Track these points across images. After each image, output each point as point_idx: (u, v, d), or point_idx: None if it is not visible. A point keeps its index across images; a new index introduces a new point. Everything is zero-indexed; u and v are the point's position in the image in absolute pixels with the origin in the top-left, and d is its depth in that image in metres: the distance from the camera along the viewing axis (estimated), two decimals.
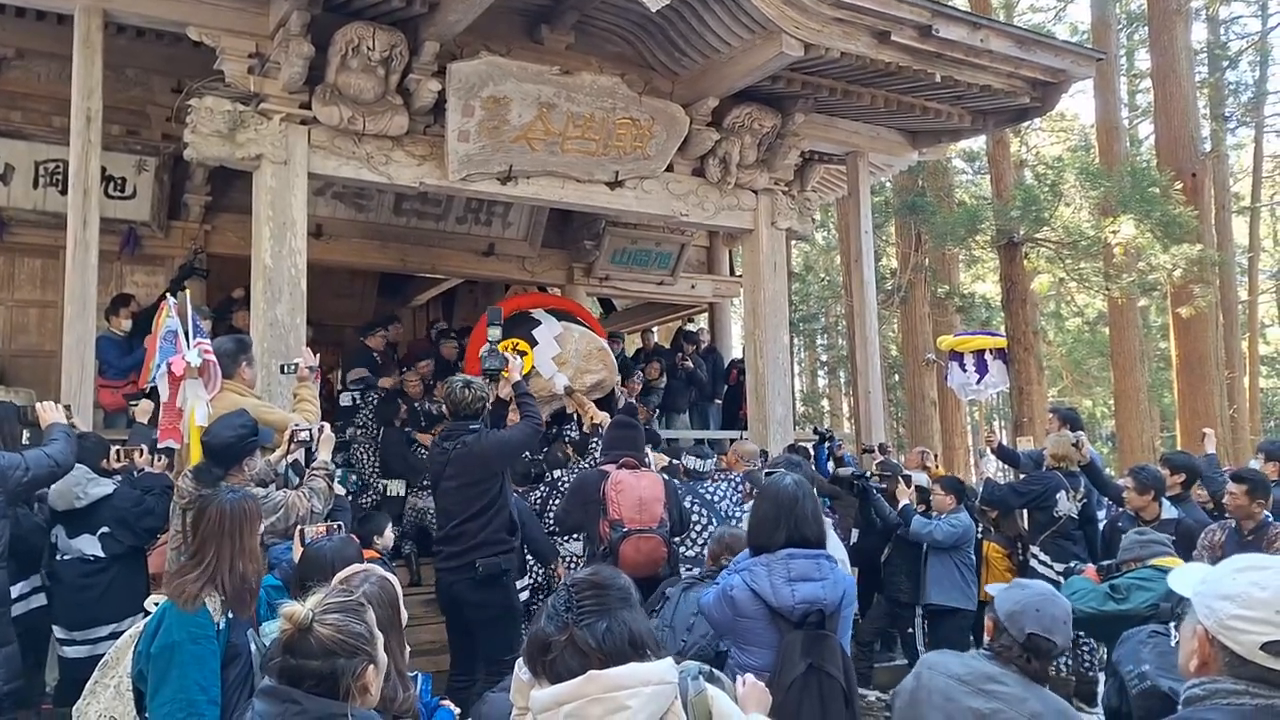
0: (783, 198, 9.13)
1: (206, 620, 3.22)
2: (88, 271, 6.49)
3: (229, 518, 3.42)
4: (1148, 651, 3.55)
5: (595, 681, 2.26)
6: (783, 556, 3.67)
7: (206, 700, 3.13)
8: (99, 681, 3.34)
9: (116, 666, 3.34)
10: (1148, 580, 4.78)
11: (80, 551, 5.45)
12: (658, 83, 8.29)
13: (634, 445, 6.01)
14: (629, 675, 2.27)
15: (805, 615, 3.58)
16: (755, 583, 3.63)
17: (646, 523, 5.47)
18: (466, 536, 5.60)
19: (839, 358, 28.34)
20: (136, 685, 3.25)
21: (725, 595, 3.70)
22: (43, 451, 4.59)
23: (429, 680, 4.03)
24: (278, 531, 4.41)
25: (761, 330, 9.00)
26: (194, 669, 3.14)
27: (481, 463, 5.63)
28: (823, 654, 3.56)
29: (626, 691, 2.25)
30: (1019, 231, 15.72)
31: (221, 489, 3.75)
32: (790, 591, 3.59)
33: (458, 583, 5.62)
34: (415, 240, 10.66)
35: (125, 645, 3.36)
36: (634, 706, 2.23)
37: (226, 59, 6.87)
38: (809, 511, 3.79)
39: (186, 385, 4.57)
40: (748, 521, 3.98)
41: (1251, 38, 25.81)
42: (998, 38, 8.03)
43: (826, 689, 3.51)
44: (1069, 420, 8.31)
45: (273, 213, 6.88)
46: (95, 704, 3.29)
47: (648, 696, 2.25)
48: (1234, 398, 20.72)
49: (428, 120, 7.45)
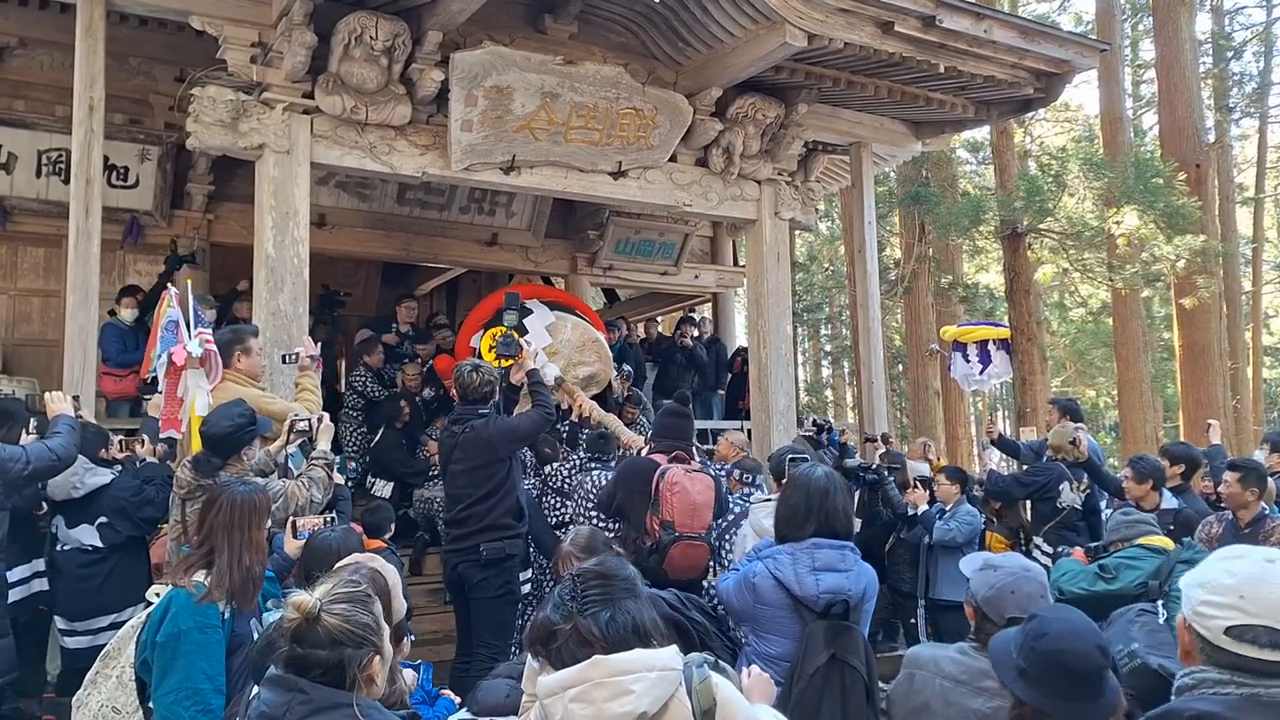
0: (786, 188, 9.11)
1: (213, 610, 3.23)
2: (90, 260, 6.48)
3: (238, 509, 3.43)
4: (1137, 630, 3.55)
5: (599, 666, 2.30)
6: (808, 546, 3.65)
7: (212, 689, 3.14)
8: (100, 672, 3.34)
9: (118, 657, 3.34)
10: (1135, 559, 4.82)
11: (79, 541, 5.46)
12: (661, 73, 8.27)
13: (684, 435, 6.01)
14: (633, 661, 2.30)
15: (829, 606, 3.55)
16: (779, 571, 3.62)
17: (697, 529, 5.51)
18: (473, 520, 5.65)
19: (842, 348, 28.30)
20: (140, 675, 3.25)
21: (747, 582, 3.69)
22: (44, 445, 4.59)
23: (430, 669, 4.04)
24: (277, 521, 4.42)
25: (765, 321, 8.99)
26: (200, 658, 3.15)
27: (488, 448, 5.66)
28: (846, 645, 3.54)
29: (630, 676, 2.28)
30: (1023, 222, 15.65)
31: (233, 480, 3.75)
32: (815, 581, 3.57)
33: (463, 564, 5.69)
34: (418, 230, 10.67)
35: (127, 636, 3.36)
36: (638, 691, 2.26)
37: (229, 48, 6.85)
38: (839, 505, 3.76)
39: (188, 375, 4.57)
40: (775, 512, 3.94)
41: (1256, 28, 25.78)
42: (1002, 28, 8.00)
43: (849, 680, 3.50)
44: (1069, 412, 8.31)
45: (275, 202, 6.87)
46: (97, 695, 3.29)
47: (651, 681, 2.28)
48: (1237, 389, 20.69)
49: (431, 110, 7.43)
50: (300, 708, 2.17)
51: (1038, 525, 7.68)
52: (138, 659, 3.26)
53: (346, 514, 5.42)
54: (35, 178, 8.43)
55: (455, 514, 5.79)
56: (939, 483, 7.81)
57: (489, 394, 5.86)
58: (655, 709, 2.30)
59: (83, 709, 3.31)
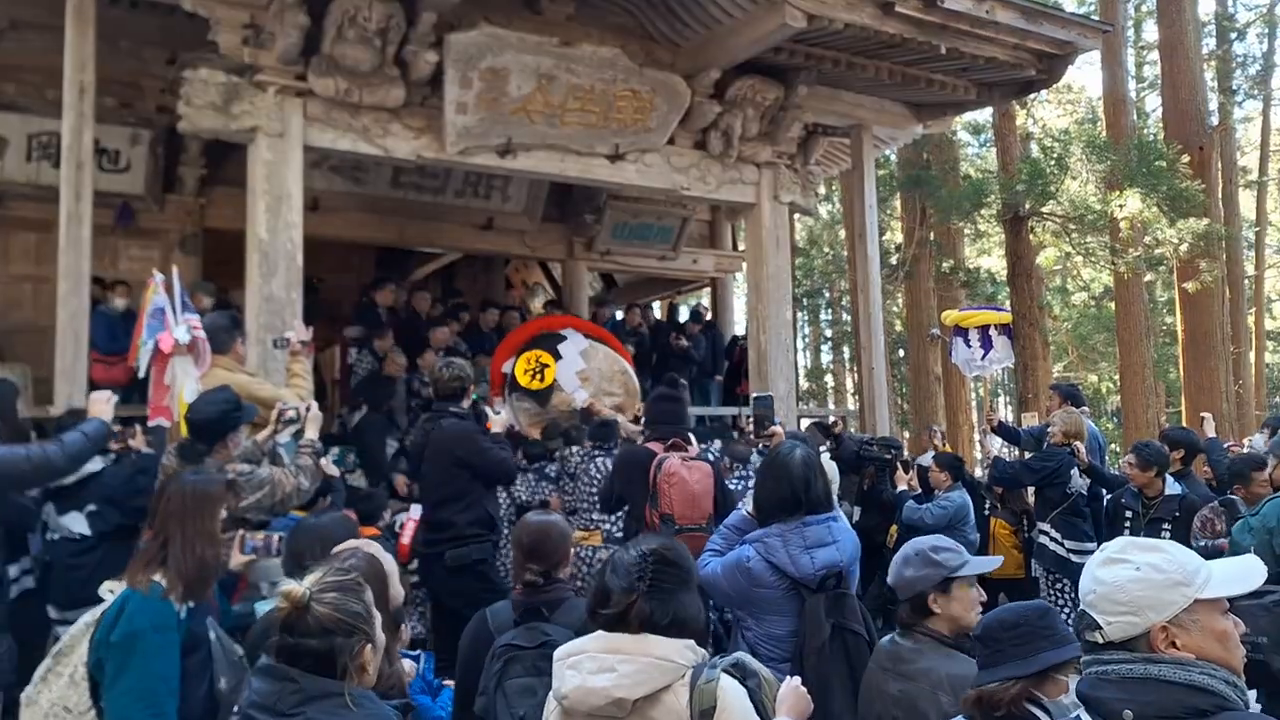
0: (786, 171, 9.04)
1: (169, 609, 3.16)
2: (81, 245, 6.43)
3: (189, 498, 3.35)
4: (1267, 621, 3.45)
5: (598, 641, 2.44)
6: (795, 525, 3.68)
7: (166, 691, 3.06)
8: (52, 670, 3.24)
9: (71, 655, 3.23)
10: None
11: (68, 530, 5.39)
12: (659, 54, 8.18)
13: (678, 419, 5.95)
14: (630, 643, 2.41)
15: (824, 579, 3.60)
16: (772, 555, 3.64)
17: (697, 520, 5.43)
18: (440, 526, 5.65)
19: (843, 333, 28.21)
20: (93, 674, 3.17)
21: (740, 567, 3.69)
22: (42, 448, 4.51)
23: (432, 659, 3.98)
24: (264, 509, 4.35)
25: (764, 306, 8.93)
26: (156, 659, 3.07)
27: (449, 451, 5.64)
28: (844, 613, 3.59)
29: (620, 656, 2.39)
30: (1025, 205, 15.63)
31: (184, 471, 3.68)
32: (810, 559, 3.60)
33: (435, 570, 5.71)
34: (413, 214, 10.60)
35: (80, 633, 3.26)
36: (620, 671, 2.36)
37: (221, 30, 6.78)
38: (818, 482, 3.81)
39: (175, 362, 4.51)
40: (755, 494, 3.99)
41: (1260, 9, 25.59)
42: (1003, 9, 7.91)
43: (852, 646, 3.54)
44: (1070, 397, 8.25)
45: (268, 186, 6.80)
46: (47, 692, 3.20)
47: (639, 666, 2.36)
48: (1239, 373, 20.69)
49: (425, 92, 7.35)
50: (291, 697, 2.17)
51: (1045, 511, 7.58)
52: (91, 659, 3.17)
53: (340, 504, 5.36)
54: (26, 162, 8.36)
55: (425, 514, 5.81)
56: (932, 470, 7.74)
57: (458, 389, 5.81)
58: (637, 694, 2.37)
59: (32, 706, 3.21)
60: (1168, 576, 1.94)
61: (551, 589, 3.29)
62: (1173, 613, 1.91)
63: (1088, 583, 2.02)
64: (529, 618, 3.22)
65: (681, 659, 2.42)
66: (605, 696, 2.37)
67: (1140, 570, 1.95)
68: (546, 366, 8.54)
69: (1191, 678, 1.85)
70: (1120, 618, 1.93)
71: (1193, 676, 1.85)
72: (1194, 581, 1.94)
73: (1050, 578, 7.50)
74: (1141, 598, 1.92)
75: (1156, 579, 1.93)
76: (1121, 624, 1.93)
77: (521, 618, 3.25)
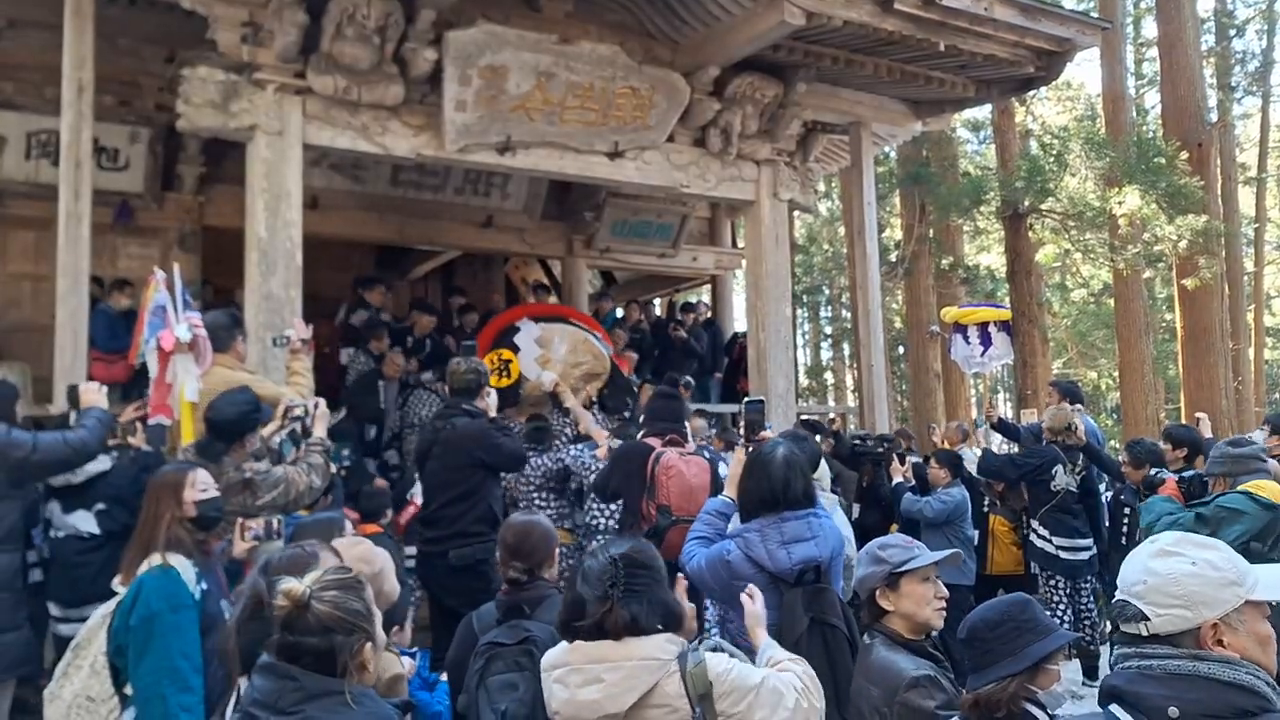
0: (785, 169, 9.03)
1: (184, 589, 3.22)
2: (80, 244, 6.41)
3: (152, 493, 3.52)
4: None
5: (578, 652, 2.47)
6: (774, 521, 3.74)
7: (190, 667, 3.14)
8: (71, 664, 3.31)
9: (89, 647, 3.32)
10: (1239, 510, 4.34)
11: (75, 528, 5.39)
12: (658, 51, 8.17)
13: (676, 417, 6.00)
14: (611, 650, 2.43)
15: (802, 573, 3.65)
16: (751, 550, 3.70)
17: (693, 511, 5.45)
18: (445, 522, 5.64)
19: (843, 330, 28.23)
20: (114, 662, 3.22)
21: (720, 560, 3.77)
22: (60, 435, 4.55)
23: (428, 655, 3.99)
24: (278, 507, 4.39)
25: (763, 303, 8.92)
26: (176, 637, 3.15)
27: (467, 451, 5.63)
28: (823, 607, 3.62)
29: (605, 665, 2.41)
30: (1024, 202, 15.60)
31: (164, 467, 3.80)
32: (786, 554, 3.66)
33: (435, 568, 5.69)
34: (413, 212, 10.59)
35: (96, 625, 3.34)
36: (608, 680, 2.38)
37: (220, 28, 6.76)
38: (798, 481, 3.85)
39: (176, 360, 4.51)
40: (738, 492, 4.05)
41: (1259, 6, 25.55)
42: (1002, 6, 7.91)
43: (831, 640, 3.57)
44: (1069, 394, 8.27)
45: (267, 184, 6.79)
46: (69, 685, 3.26)
47: (626, 671, 2.39)
48: (1239, 370, 20.66)
49: (424, 90, 7.34)
50: (292, 695, 2.18)
51: (1034, 508, 7.63)
52: (110, 647, 3.25)
53: (339, 501, 5.37)
54: (24, 160, 8.35)
55: (430, 511, 5.80)
56: (930, 466, 7.75)
57: (473, 384, 5.81)
58: (627, 703, 2.41)
59: (56, 701, 3.27)
60: (1223, 574, 1.93)
61: (534, 587, 3.32)
62: (1224, 611, 1.90)
63: (1137, 573, 2.00)
64: (511, 615, 3.25)
65: (665, 654, 2.46)
66: (596, 711, 2.39)
67: (1196, 565, 1.94)
68: (509, 362, 8.55)
69: (1239, 677, 1.84)
70: (1171, 610, 1.92)
71: (1240, 676, 1.84)
72: (1245, 582, 1.93)
73: (1044, 574, 7.53)
74: (1196, 593, 1.91)
75: (1212, 575, 1.92)
76: (1171, 617, 1.91)
77: (504, 616, 3.27)
